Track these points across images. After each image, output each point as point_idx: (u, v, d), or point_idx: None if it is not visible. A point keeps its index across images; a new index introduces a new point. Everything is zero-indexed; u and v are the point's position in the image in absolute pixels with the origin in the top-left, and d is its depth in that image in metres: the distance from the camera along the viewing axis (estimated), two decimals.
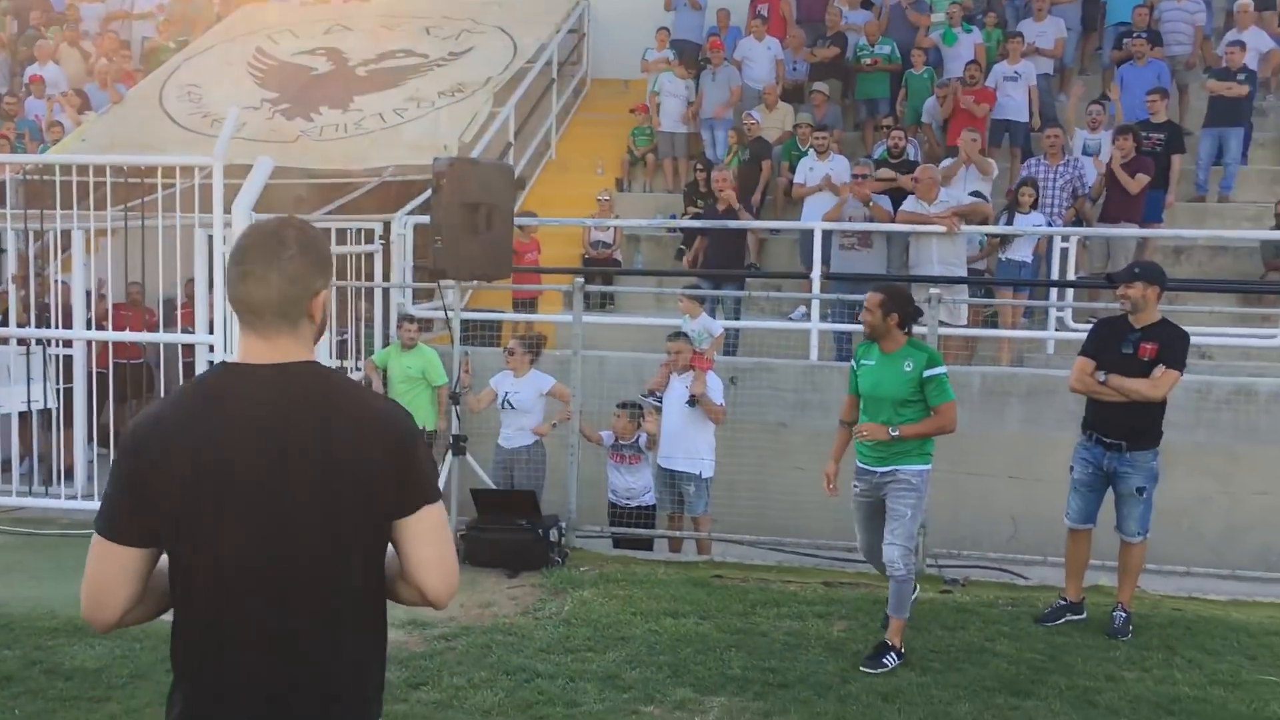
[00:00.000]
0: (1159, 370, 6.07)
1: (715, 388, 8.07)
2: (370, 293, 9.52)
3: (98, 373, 10.04)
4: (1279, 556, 8.41)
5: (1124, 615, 6.21)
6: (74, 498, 8.61)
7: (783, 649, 5.79)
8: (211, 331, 8.01)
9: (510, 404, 8.19)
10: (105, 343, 10.14)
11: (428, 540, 2.21)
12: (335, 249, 9.38)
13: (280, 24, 14.60)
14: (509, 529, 7.23)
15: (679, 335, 8.13)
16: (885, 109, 12.78)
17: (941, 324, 9.69)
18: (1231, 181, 11.83)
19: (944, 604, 6.61)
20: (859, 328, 9.81)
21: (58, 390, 9.07)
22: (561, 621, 6.14)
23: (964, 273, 9.90)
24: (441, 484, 7.43)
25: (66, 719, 4.82)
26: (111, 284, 10.33)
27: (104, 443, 9.66)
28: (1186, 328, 9.96)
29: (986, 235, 10.20)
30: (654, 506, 8.26)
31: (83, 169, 8.14)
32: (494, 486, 7.78)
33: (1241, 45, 11.77)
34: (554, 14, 14.34)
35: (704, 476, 8.08)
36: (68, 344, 9.16)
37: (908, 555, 5.70)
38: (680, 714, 5.01)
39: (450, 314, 7.77)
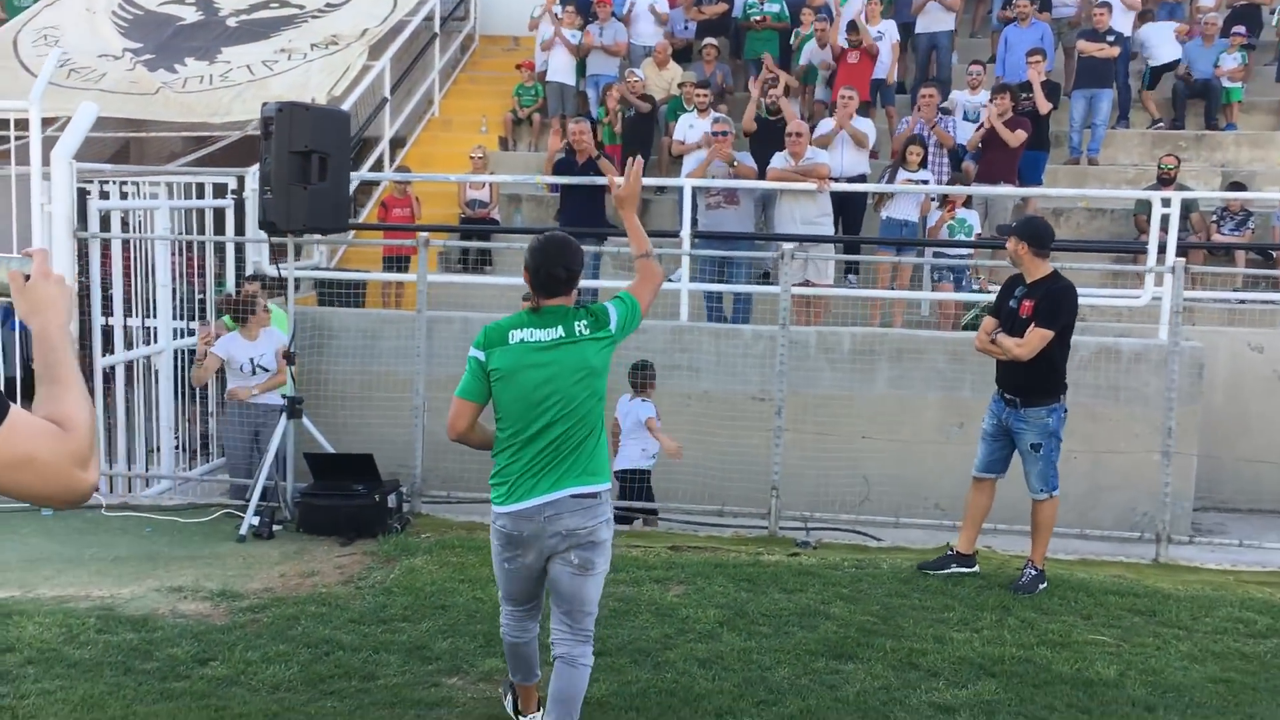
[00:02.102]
0: (1030, 328, 6.02)
1: None
2: (222, 250, 9.08)
3: None
4: (1141, 516, 8.39)
5: (1033, 573, 6.16)
6: None
7: (610, 615, 5.55)
8: None
9: (263, 367, 7.67)
10: None
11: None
12: (184, 203, 8.94)
13: None
14: (345, 494, 6.91)
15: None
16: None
17: (807, 283, 9.55)
18: (1098, 144, 11.82)
19: (788, 566, 6.43)
20: (729, 287, 9.71)
21: None
22: (383, 591, 5.86)
23: (829, 231, 9.71)
24: (273, 447, 7.09)
25: None
26: None
27: None
28: None
29: (874, 194, 10.04)
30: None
31: None
32: (331, 450, 7.43)
33: (1108, 6, 11.73)
34: None
35: None
36: None
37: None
38: (484, 685, 4.76)
39: (283, 270, 7.39)
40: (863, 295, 9.40)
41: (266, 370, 7.56)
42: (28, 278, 1.98)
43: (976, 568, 6.42)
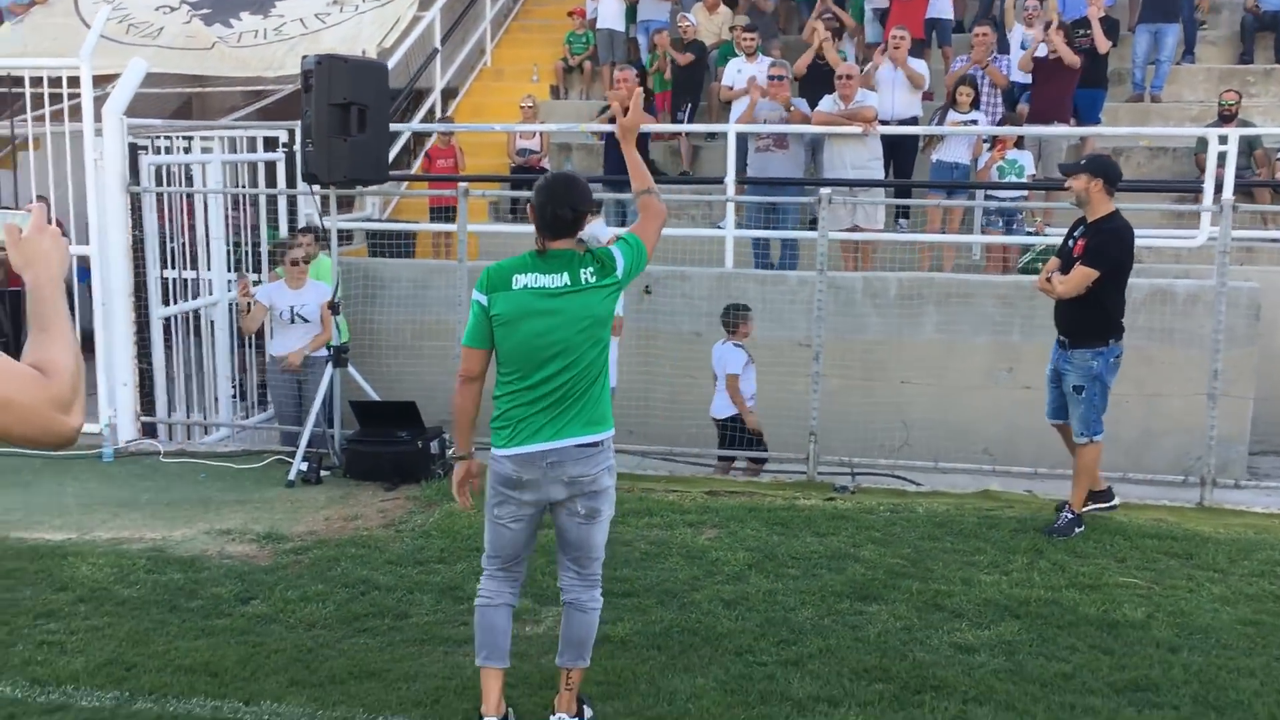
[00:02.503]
0: (1074, 266, 5.96)
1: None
2: (274, 202, 9.26)
3: (13, 291, 9.88)
4: (1195, 460, 8.25)
5: (1069, 516, 6.13)
6: None
7: (641, 558, 5.65)
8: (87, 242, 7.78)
9: (303, 317, 7.79)
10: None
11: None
12: (235, 157, 9.11)
13: None
14: (389, 441, 7.07)
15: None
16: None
17: (855, 228, 9.47)
18: (1163, 80, 11.47)
19: (823, 511, 6.46)
20: (774, 233, 9.67)
21: None
22: (421, 534, 6.01)
23: (880, 175, 9.60)
24: (320, 396, 7.26)
25: None
26: (25, 199, 10.08)
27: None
28: None
29: (924, 137, 9.90)
30: None
31: None
32: (376, 398, 7.59)
33: None
34: None
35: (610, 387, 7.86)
36: None
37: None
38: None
39: (326, 221, 7.52)
40: (906, 239, 9.30)
41: (306, 320, 7.72)
42: (23, 231, 2.08)
43: (1116, 501, 6.35)
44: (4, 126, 8.17)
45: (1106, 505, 6.30)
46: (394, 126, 9.96)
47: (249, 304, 7.83)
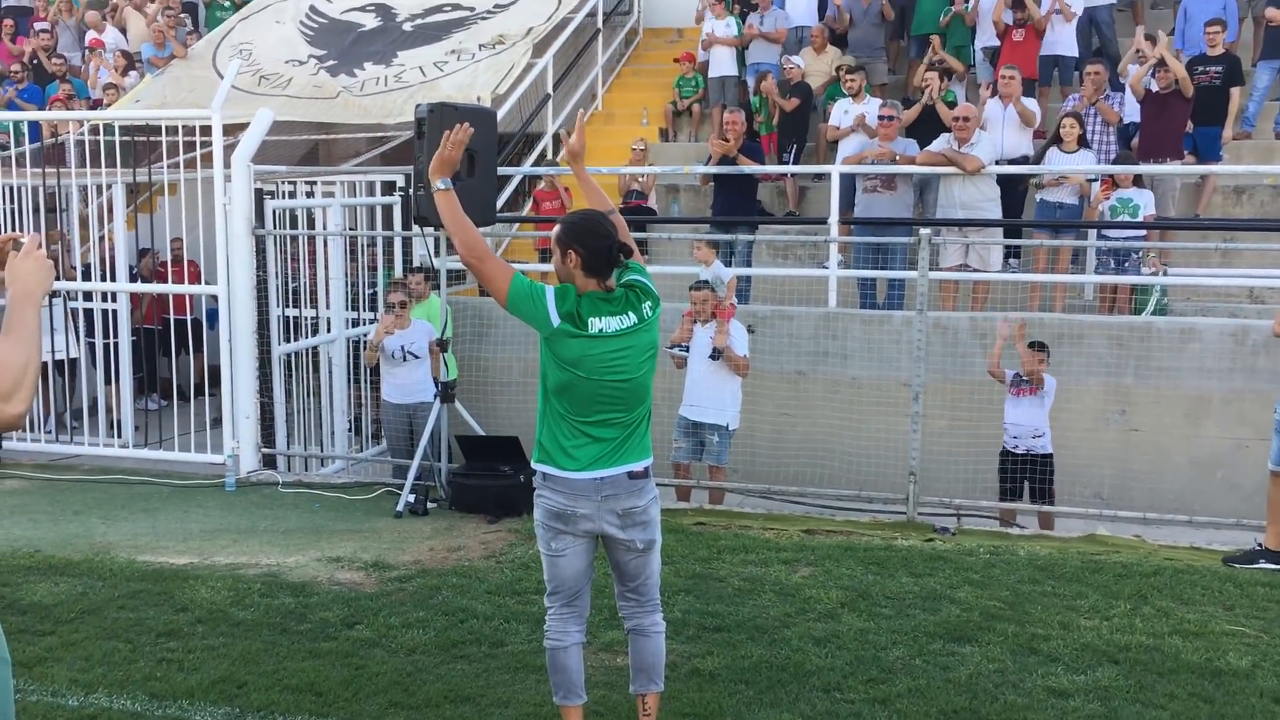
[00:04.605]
0: None
1: (739, 338, 7.95)
2: (390, 244, 9.63)
3: (148, 329, 10.46)
4: None
5: (1256, 548, 6.13)
6: (125, 446, 9.02)
7: (734, 594, 5.70)
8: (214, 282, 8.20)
9: (413, 354, 8.04)
10: (156, 299, 10.53)
11: None
12: (354, 201, 9.50)
13: None
14: (492, 475, 7.27)
15: (701, 284, 8.03)
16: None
17: (971, 269, 9.41)
18: None
19: (920, 552, 6.41)
20: (882, 273, 9.65)
21: (90, 343, 9.44)
22: (520, 565, 6.16)
23: (994, 215, 9.51)
24: (428, 432, 7.50)
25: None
26: (162, 241, 10.63)
27: (165, 395, 10.05)
28: (1241, 270, 9.58)
29: (1033, 176, 9.79)
30: None
31: (95, 128, 8.37)
32: (481, 433, 7.80)
33: None
34: None
35: (730, 428, 7.98)
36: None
37: None
38: (604, 655, 4.97)
39: (437, 262, 7.79)
40: (1015, 279, 9.19)
41: (416, 357, 8.00)
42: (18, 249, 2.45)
43: None
44: (144, 173, 8.66)
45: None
46: (504, 170, 10.28)
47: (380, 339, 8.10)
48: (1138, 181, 9.35)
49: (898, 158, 9.69)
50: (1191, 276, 9.26)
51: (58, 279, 9.29)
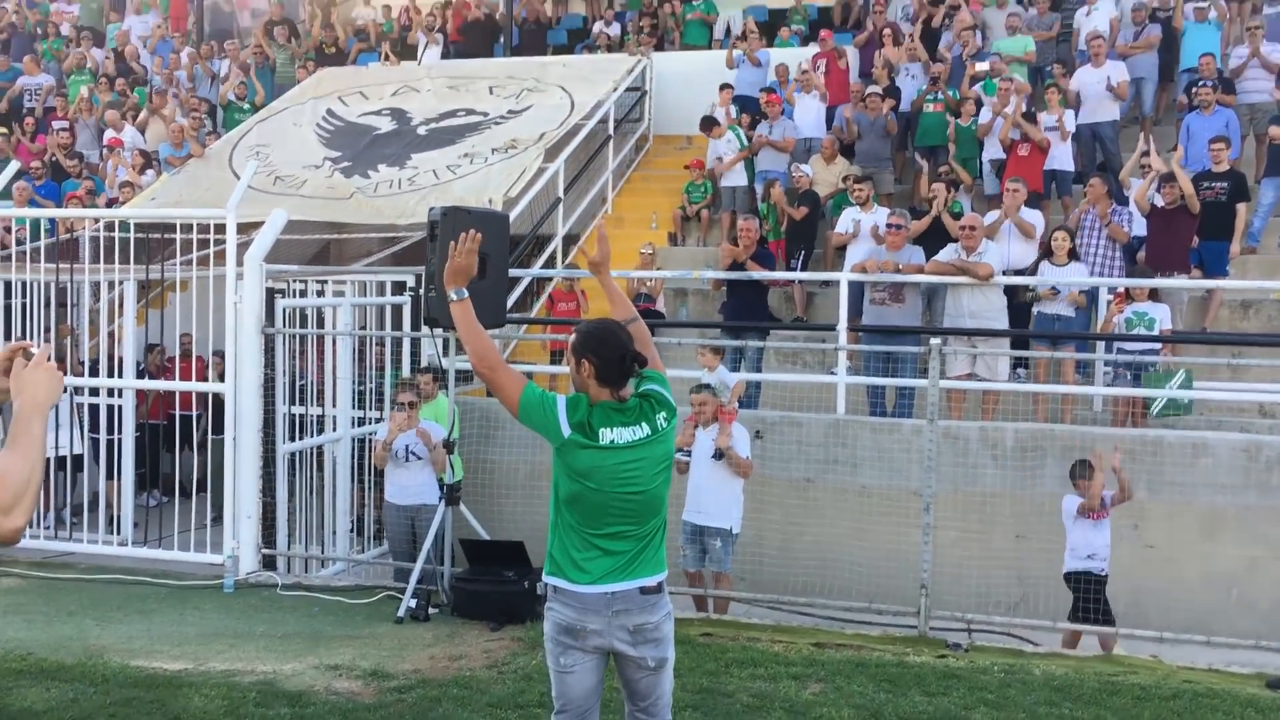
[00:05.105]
0: None
1: (742, 440, 7.90)
2: (399, 344, 9.63)
3: (153, 424, 10.42)
4: None
5: None
6: (124, 544, 8.91)
7: (742, 710, 5.55)
8: (223, 380, 8.18)
9: (414, 454, 8.00)
10: (161, 394, 10.51)
11: None
12: (363, 300, 9.53)
13: (353, 86, 15.08)
14: (496, 580, 7.14)
15: (703, 388, 8.01)
16: (944, 158, 12.49)
17: (979, 378, 9.38)
18: None
19: (933, 668, 6.26)
20: (892, 381, 9.62)
21: (94, 439, 9.39)
22: (524, 676, 6.00)
23: (1002, 324, 9.52)
24: (431, 535, 7.40)
25: None
26: (171, 337, 10.65)
27: (167, 491, 9.94)
28: (1249, 384, 9.54)
29: (1030, 288, 9.82)
30: None
31: (110, 224, 8.45)
32: (486, 537, 7.70)
33: None
34: (614, 72, 14.51)
35: (733, 532, 7.88)
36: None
37: None
38: None
39: (445, 363, 7.78)
40: (1024, 389, 9.16)
41: (420, 458, 7.93)
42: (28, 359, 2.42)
43: None
44: (156, 270, 8.70)
45: None
46: (514, 272, 10.33)
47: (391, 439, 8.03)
48: (1153, 295, 9.35)
49: (902, 267, 9.74)
50: (1202, 391, 9.21)
51: (65, 374, 9.33)
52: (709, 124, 13.47)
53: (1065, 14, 14.09)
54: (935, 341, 7.27)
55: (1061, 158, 11.64)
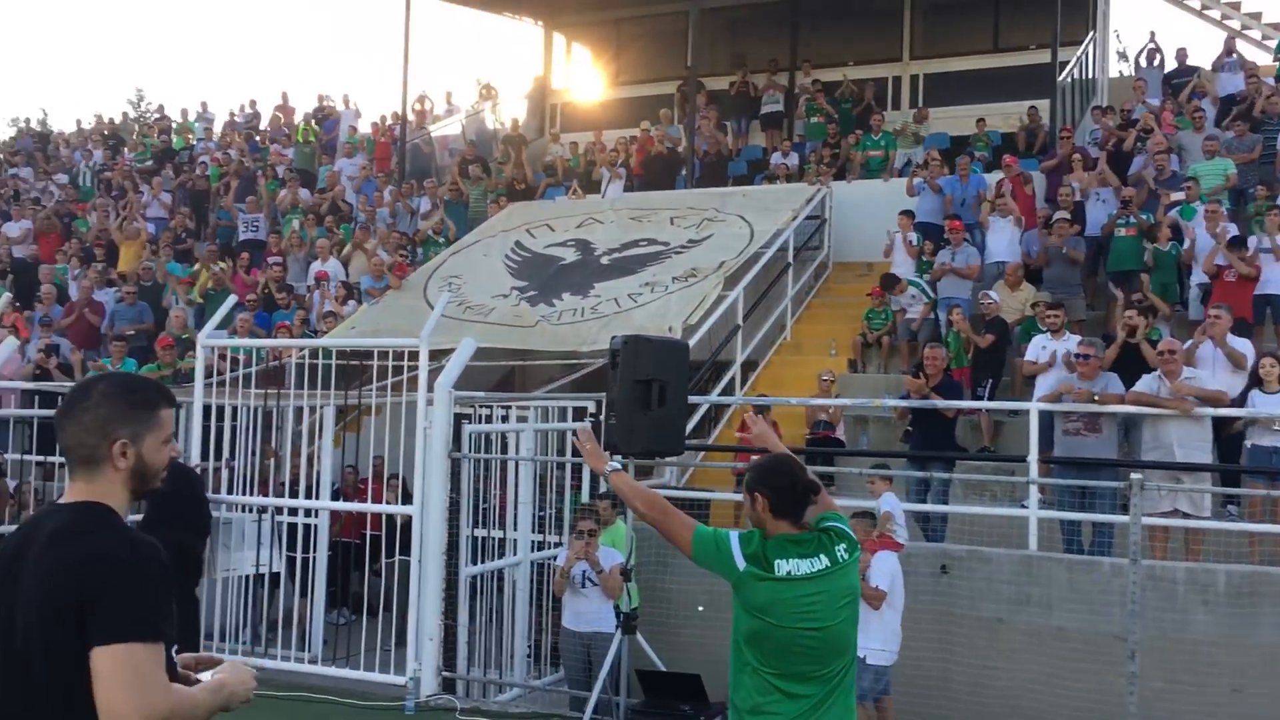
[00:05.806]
0: None
1: (879, 569, 7.62)
2: (580, 469, 9.75)
3: (345, 542, 10.79)
4: None
5: None
6: (314, 662, 9.16)
7: None
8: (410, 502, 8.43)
9: (591, 580, 8.00)
10: (354, 514, 10.90)
11: (101, 684, 2.21)
12: (543, 425, 9.73)
13: (541, 219, 15.70)
14: (672, 715, 7.01)
15: (863, 514, 7.82)
16: (1136, 284, 12.04)
17: (1184, 514, 8.83)
18: None
19: None
20: (1088, 516, 9.14)
21: (290, 557, 9.77)
22: None
23: (1208, 458, 8.97)
24: (608, 664, 7.34)
25: None
26: (365, 459, 11.08)
27: (355, 610, 10.24)
28: None
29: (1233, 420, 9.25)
30: None
31: (314, 352, 8.94)
32: (662, 667, 7.58)
33: None
34: (794, 201, 14.66)
35: (868, 661, 7.53)
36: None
37: None
38: None
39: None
40: (1235, 528, 8.55)
41: (596, 585, 7.94)
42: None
43: None
44: (354, 395, 9.12)
45: None
46: (693, 399, 10.38)
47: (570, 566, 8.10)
48: None
49: (1097, 397, 9.34)
50: None
51: (266, 495, 9.83)
52: (890, 282, 13.38)
53: (1267, 135, 13.56)
54: (1137, 476, 6.88)
55: (1275, 281, 11.04)
